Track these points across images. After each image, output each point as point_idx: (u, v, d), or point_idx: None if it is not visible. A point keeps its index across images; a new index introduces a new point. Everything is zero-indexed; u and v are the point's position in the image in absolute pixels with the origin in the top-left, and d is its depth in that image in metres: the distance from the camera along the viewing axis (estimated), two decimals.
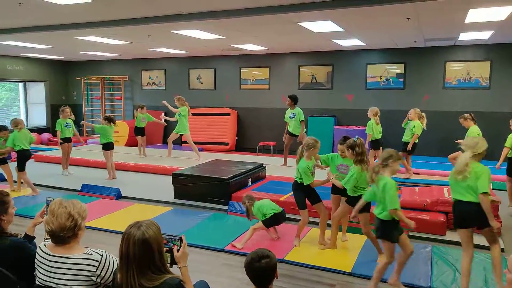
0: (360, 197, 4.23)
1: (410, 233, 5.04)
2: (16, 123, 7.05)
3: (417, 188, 6.20)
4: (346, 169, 4.55)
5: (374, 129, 7.53)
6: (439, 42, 9.55)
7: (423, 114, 7.47)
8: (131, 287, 1.94)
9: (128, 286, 1.94)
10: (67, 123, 8.44)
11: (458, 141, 6.97)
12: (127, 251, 1.96)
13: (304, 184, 4.58)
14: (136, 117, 10.24)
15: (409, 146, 7.28)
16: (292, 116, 8.61)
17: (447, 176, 3.89)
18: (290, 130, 8.71)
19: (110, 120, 8.19)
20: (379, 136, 7.65)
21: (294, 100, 8.64)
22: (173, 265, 2.23)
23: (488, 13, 6.24)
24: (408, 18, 6.61)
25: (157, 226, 2.07)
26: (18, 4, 5.71)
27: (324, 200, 4.85)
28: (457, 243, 4.86)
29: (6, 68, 12.94)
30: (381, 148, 7.68)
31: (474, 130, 6.73)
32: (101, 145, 8.14)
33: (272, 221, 4.83)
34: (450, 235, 5.07)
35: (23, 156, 7.04)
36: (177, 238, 2.25)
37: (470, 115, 6.93)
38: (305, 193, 4.69)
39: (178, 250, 2.24)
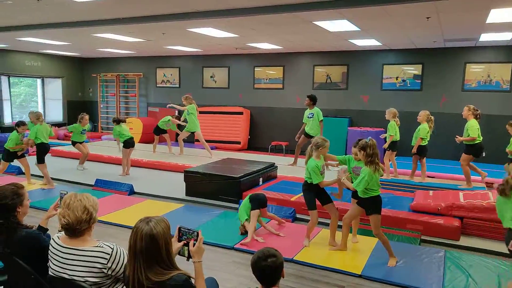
0: (371, 198, 4.18)
1: (422, 237, 4.98)
2: (37, 116, 7.17)
3: (431, 192, 6.10)
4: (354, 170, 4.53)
5: (396, 130, 7.44)
6: (459, 43, 9.37)
7: (432, 117, 7.32)
8: (138, 279, 1.98)
9: (135, 279, 1.99)
10: (83, 130, 8.54)
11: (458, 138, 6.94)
12: (134, 244, 2.01)
13: (313, 183, 4.54)
14: (163, 120, 10.08)
15: (414, 149, 7.19)
16: (310, 116, 8.54)
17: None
18: (306, 130, 8.63)
19: (117, 121, 8.31)
20: (398, 138, 7.54)
21: (313, 100, 8.56)
22: (189, 259, 2.27)
23: (510, 14, 6.10)
24: (428, 18, 6.50)
25: (166, 223, 2.11)
26: (36, 1, 5.78)
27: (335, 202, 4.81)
28: (471, 249, 4.79)
29: (25, 64, 13.15)
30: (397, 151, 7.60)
31: (473, 124, 6.69)
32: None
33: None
34: (464, 241, 4.98)
35: (43, 149, 7.13)
36: (195, 232, 2.28)
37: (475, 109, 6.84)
38: (315, 194, 4.65)
39: (194, 245, 2.26)
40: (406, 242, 4.90)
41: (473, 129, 6.70)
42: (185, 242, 2.29)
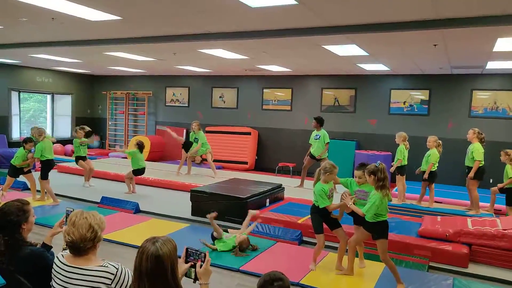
0: (379, 223, 4.14)
1: (430, 264, 4.90)
2: (40, 132, 7.15)
3: (439, 217, 6.04)
4: (364, 195, 4.47)
5: (404, 154, 7.41)
6: (466, 70, 9.43)
7: (440, 142, 7.28)
8: None
9: None
10: (83, 143, 8.51)
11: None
12: (140, 265, 1.97)
13: (320, 207, 4.51)
14: (192, 134, 9.79)
15: (425, 175, 7.07)
16: (317, 138, 8.54)
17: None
18: (312, 151, 8.63)
19: (140, 146, 8.28)
20: (406, 162, 7.50)
21: (319, 122, 8.58)
22: (196, 281, 2.24)
23: None
24: (435, 45, 6.56)
25: (173, 244, 2.08)
26: (51, 19, 5.91)
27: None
28: (480, 277, 4.71)
29: (35, 80, 13.35)
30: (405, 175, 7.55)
31: (478, 147, 6.70)
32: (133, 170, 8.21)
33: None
34: (473, 268, 4.90)
35: (48, 165, 7.18)
36: (202, 253, 2.25)
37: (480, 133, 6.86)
38: (323, 217, 4.62)
39: (201, 266, 2.23)
40: (413, 268, 4.82)
41: (478, 153, 6.67)
42: (192, 263, 2.26)
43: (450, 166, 9.21)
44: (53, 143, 7.59)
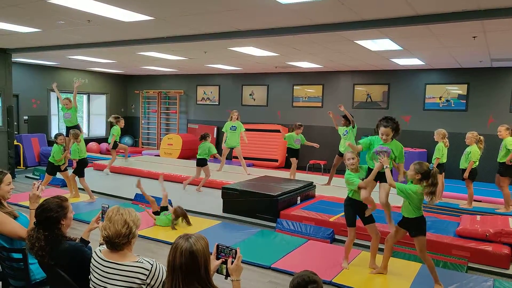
0: (416, 219, 4.01)
1: (469, 264, 4.73)
2: (76, 135, 7.32)
3: (478, 217, 5.81)
4: (386, 153, 4.24)
5: (443, 152, 7.17)
6: (506, 63, 9.03)
7: (481, 137, 6.95)
8: None
9: None
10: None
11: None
12: (173, 260, 2.00)
13: (348, 195, 4.45)
14: (286, 137, 9.10)
15: (466, 174, 6.77)
16: (345, 134, 8.40)
17: None
18: (340, 149, 8.48)
19: (204, 137, 8.31)
20: (445, 160, 7.25)
21: (348, 119, 8.38)
22: (228, 278, 2.25)
23: None
24: (474, 37, 6.31)
25: (206, 241, 2.10)
26: (87, 22, 6.07)
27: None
28: None
29: (73, 81, 13.71)
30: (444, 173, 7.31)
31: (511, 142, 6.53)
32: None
33: None
34: None
35: (84, 164, 7.40)
36: (233, 250, 2.26)
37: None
38: (356, 210, 4.52)
39: (232, 263, 2.23)
40: (451, 269, 4.67)
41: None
42: (223, 259, 2.27)
43: (491, 164, 8.85)
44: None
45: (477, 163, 6.84)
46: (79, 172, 7.35)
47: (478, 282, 4.31)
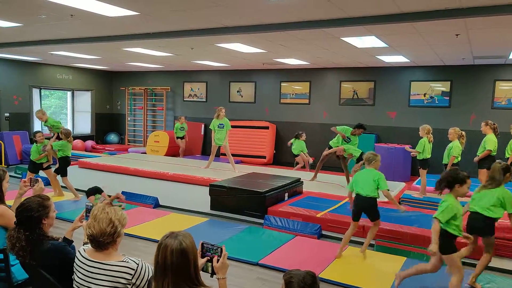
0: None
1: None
2: (67, 134, 7.29)
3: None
4: None
5: (426, 148, 7.28)
6: (488, 60, 9.18)
7: (463, 133, 7.14)
8: None
9: None
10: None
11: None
12: (163, 260, 1.95)
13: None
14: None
15: (448, 168, 6.93)
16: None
17: None
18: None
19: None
20: (429, 155, 7.37)
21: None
22: (213, 276, 2.23)
23: None
24: (457, 35, 6.39)
25: (192, 238, 2.07)
26: (69, 16, 5.97)
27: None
28: (505, 271, 4.60)
29: (56, 77, 13.57)
30: (428, 168, 7.42)
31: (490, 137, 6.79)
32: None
33: None
34: (497, 262, 4.78)
35: (66, 162, 7.32)
36: (219, 248, 2.24)
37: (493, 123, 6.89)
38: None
39: (218, 261, 2.21)
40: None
41: (490, 142, 6.71)
42: (209, 258, 2.25)
43: (472, 159, 8.99)
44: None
45: (459, 158, 6.98)
46: (62, 171, 7.25)
47: (465, 275, 4.36)
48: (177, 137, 12.42)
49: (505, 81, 9.62)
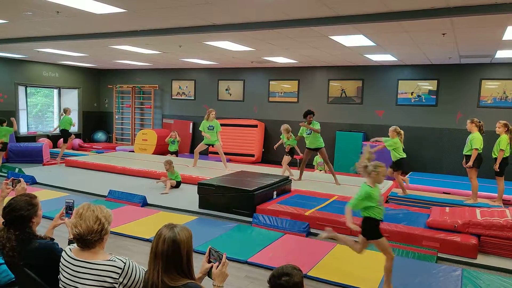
0: None
1: (439, 255, 4.87)
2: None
3: (447, 208, 5.99)
4: None
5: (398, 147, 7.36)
6: (474, 59, 9.30)
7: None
8: (153, 283, 1.98)
9: (152, 282, 1.99)
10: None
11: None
12: (156, 247, 2.02)
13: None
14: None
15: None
16: (309, 133, 8.42)
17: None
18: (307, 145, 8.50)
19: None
20: (404, 155, 7.45)
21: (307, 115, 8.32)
22: (210, 278, 2.23)
23: None
24: (443, 34, 6.46)
25: (190, 232, 2.12)
26: (56, 13, 5.90)
27: None
28: (489, 267, 4.67)
29: (42, 75, 13.39)
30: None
31: (476, 136, 6.80)
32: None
33: None
34: (482, 259, 4.86)
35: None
36: (221, 254, 2.24)
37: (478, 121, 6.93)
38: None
39: (217, 267, 2.22)
40: (422, 260, 4.78)
41: (476, 141, 6.74)
42: (213, 264, 2.23)
43: (457, 157, 9.12)
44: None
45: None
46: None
47: (447, 271, 4.44)
48: (169, 152, 11.96)
49: (491, 80, 9.75)
